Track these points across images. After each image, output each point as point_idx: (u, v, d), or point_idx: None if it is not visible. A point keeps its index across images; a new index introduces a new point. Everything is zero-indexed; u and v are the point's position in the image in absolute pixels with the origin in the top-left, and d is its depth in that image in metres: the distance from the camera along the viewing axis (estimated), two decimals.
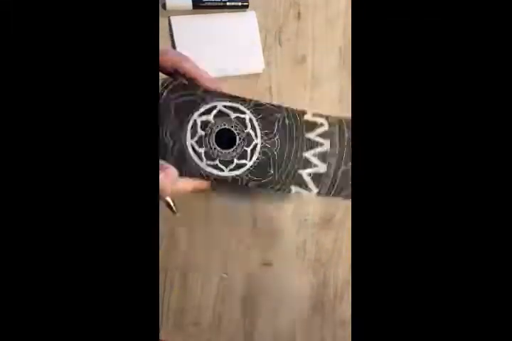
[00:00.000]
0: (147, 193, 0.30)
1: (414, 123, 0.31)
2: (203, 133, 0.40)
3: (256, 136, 0.41)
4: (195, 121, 0.40)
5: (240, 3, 0.61)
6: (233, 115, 0.41)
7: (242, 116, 0.41)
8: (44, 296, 0.28)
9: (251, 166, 0.42)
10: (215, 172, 0.41)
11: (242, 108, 0.41)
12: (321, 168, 0.43)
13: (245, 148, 0.41)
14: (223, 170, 0.41)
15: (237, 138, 0.41)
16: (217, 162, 0.41)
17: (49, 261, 0.28)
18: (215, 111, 0.41)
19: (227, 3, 0.60)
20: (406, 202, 0.31)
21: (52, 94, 0.29)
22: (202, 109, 0.40)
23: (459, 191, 0.30)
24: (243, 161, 0.41)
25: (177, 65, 0.41)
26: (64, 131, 0.29)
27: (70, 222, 0.28)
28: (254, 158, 0.41)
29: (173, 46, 0.59)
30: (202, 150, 0.40)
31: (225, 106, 0.41)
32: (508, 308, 0.29)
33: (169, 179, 0.38)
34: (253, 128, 0.41)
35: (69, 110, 0.29)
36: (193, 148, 0.40)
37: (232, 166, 0.41)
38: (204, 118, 0.40)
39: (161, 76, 0.42)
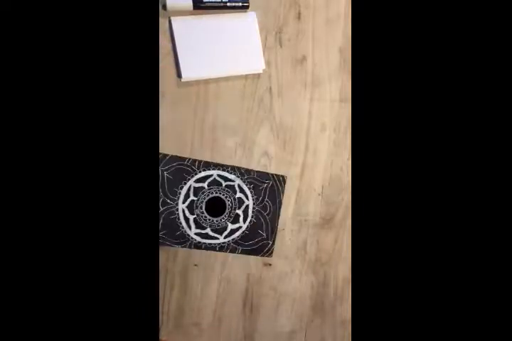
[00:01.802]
0: (148, 198, 0.30)
1: (414, 124, 0.31)
2: (195, 198, 0.41)
3: (247, 198, 0.43)
4: (190, 186, 0.41)
5: (240, 4, 0.61)
6: (224, 183, 0.42)
7: (232, 183, 0.43)
8: (45, 295, 0.28)
9: (246, 229, 0.43)
10: (206, 241, 0.42)
11: (231, 177, 0.43)
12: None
13: (237, 211, 0.42)
14: (218, 238, 0.42)
15: (227, 203, 0.42)
16: (208, 230, 0.42)
17: (49, 261, 0.28)
18: (210, 179, 0.42)
19: (228, 4, 0.61)
20: (405, 203, 0.31)
21: (51, 95, 0.29)
22: (198, 176, 0.42)
23: (458, 191, 0.30)
24: (237, 225, 0.42)
25: None
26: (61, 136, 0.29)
27: (71, 223, 0.29)
28: (248, 219, 0.43)
29: (174, 46, 0.59)
30: (191, 217, 0.41)
31: (219, 175, 0.42)
32: (508, 308, 0.29)
33: None
34: (243, 192, 0.43)
35: (67, 111, 0.29)
36: (184, 214, 0.41)
37: (226, 232, 0.42)
38: (199, 184, 0.42)
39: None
